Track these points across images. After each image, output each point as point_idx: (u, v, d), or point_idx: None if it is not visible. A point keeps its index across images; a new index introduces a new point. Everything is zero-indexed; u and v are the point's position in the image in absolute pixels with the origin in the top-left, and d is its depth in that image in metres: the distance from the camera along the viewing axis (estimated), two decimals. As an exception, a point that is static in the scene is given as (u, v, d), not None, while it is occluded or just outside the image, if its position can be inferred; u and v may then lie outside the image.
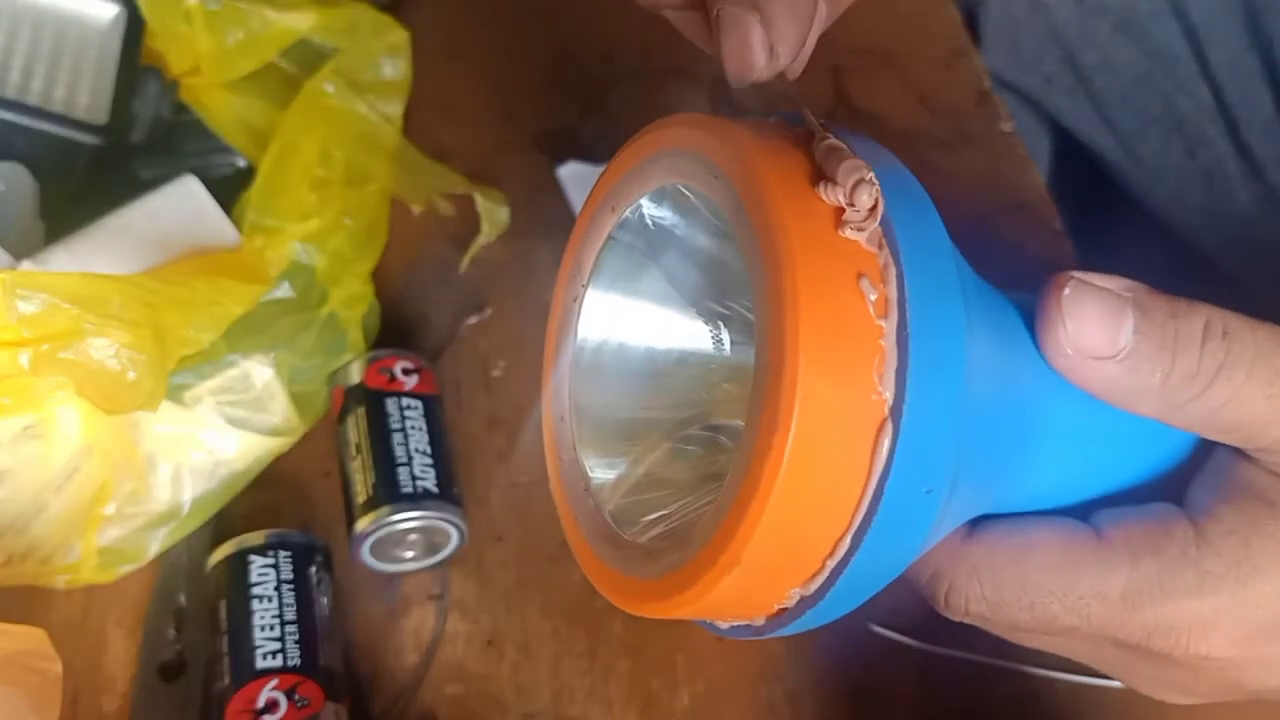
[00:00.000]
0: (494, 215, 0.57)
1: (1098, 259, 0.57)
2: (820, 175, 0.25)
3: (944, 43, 0.65)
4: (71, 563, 0.45)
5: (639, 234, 0.31)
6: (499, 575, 0.47)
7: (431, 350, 0.53)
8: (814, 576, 0.25)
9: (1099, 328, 0.27)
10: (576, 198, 0.58)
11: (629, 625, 0.46)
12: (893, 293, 0.24)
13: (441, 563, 0.47)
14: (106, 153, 0.49)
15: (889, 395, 0.24)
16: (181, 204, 0.46)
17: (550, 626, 0.46)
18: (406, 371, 0.48)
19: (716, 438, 0.32)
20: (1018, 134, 0.62)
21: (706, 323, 0.32)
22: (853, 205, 0.24)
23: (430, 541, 0.46)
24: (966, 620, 0.31)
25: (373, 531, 0.44)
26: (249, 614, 0.42)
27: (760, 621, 0.27)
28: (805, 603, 0.26)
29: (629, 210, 0.30)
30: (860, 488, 0.24)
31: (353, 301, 0.49)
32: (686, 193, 0.29)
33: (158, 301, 0.40)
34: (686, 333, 0.32)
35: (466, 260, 0.57)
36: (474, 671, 0.45)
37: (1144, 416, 0.29)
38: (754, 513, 0.23)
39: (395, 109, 0.55)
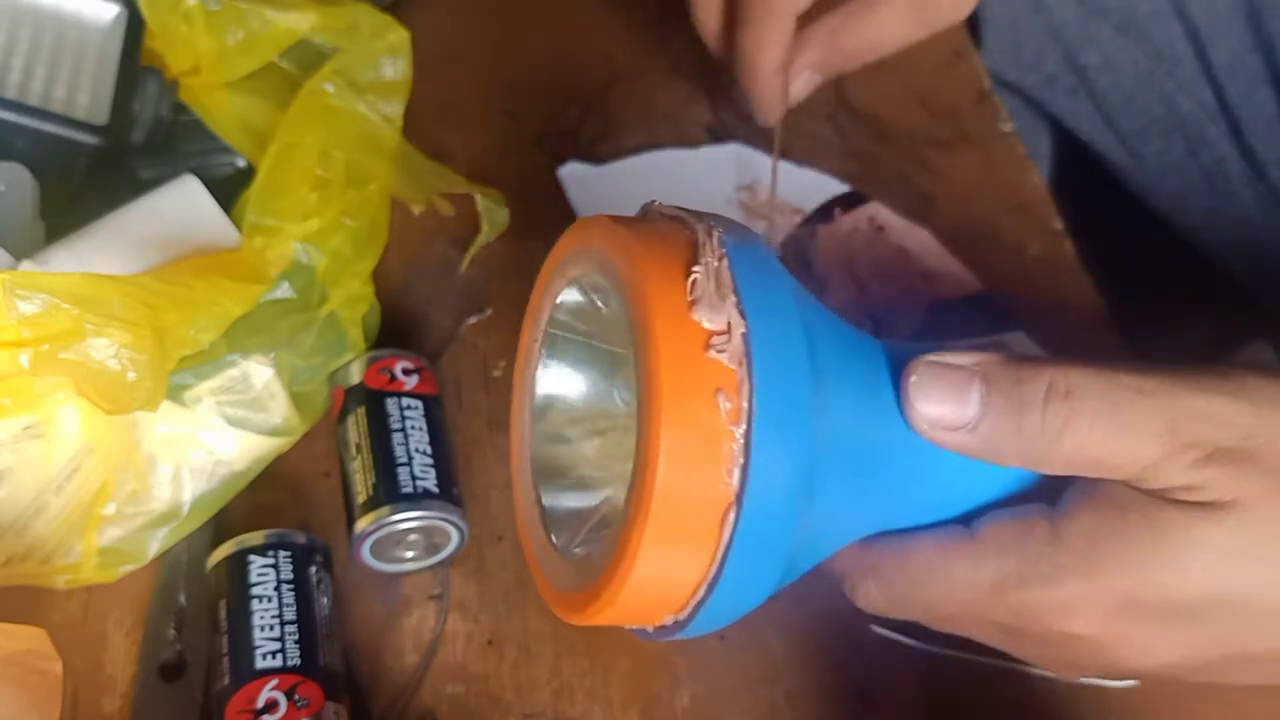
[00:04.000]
0: (494, 215, 0.57)
1: (1099, 259, 0.57)
2: (698, 300, 0.30)
3: (944, 43, 0.65)
4: (72, 563, 0.45)
5: (577, 306, 0.36)
6: (499, 575, 0.47)
7: (432, 350, 0.53)
8: (681, 610, 0.31)
9: (946, 404, 0.32)
10: (578, 198, 0.58)
11: (629, 625, 0.46)
12: (744, 404, 0.29)
13: (442, 562, 0.47)
14: (106, 153, 0.49)
15: (735, 485, 0.29)
16: (181, 204, 0.46)
17: (550, 626, 0.46)
18: (407, 371, 0.48)
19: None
20: (1017, 134, 0.62)
21: (621, 390, 0.38)
22: (721, 333, 0.29)
23: (430, 541, 0.46)
24: (875, 613, 0.36)
25: (373, 531, 0.44)
26: (249, 614, 0.42)
27: (649, 630, 0.33)
28: (678, 625, 0.32)
29: (570, 283, 0.35)
30: (711, 555, 0.30)
31: (353, 302, 0.49)
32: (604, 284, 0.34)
33: (158, 301, 0.40)
34: (617, 391, 0.38)
35: (466, 260, 0.57)
36: (474, 671, 0.45)
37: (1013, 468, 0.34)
38: (623, 573, 0.30)
39: (395, 109, 0.55)
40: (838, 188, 0.59)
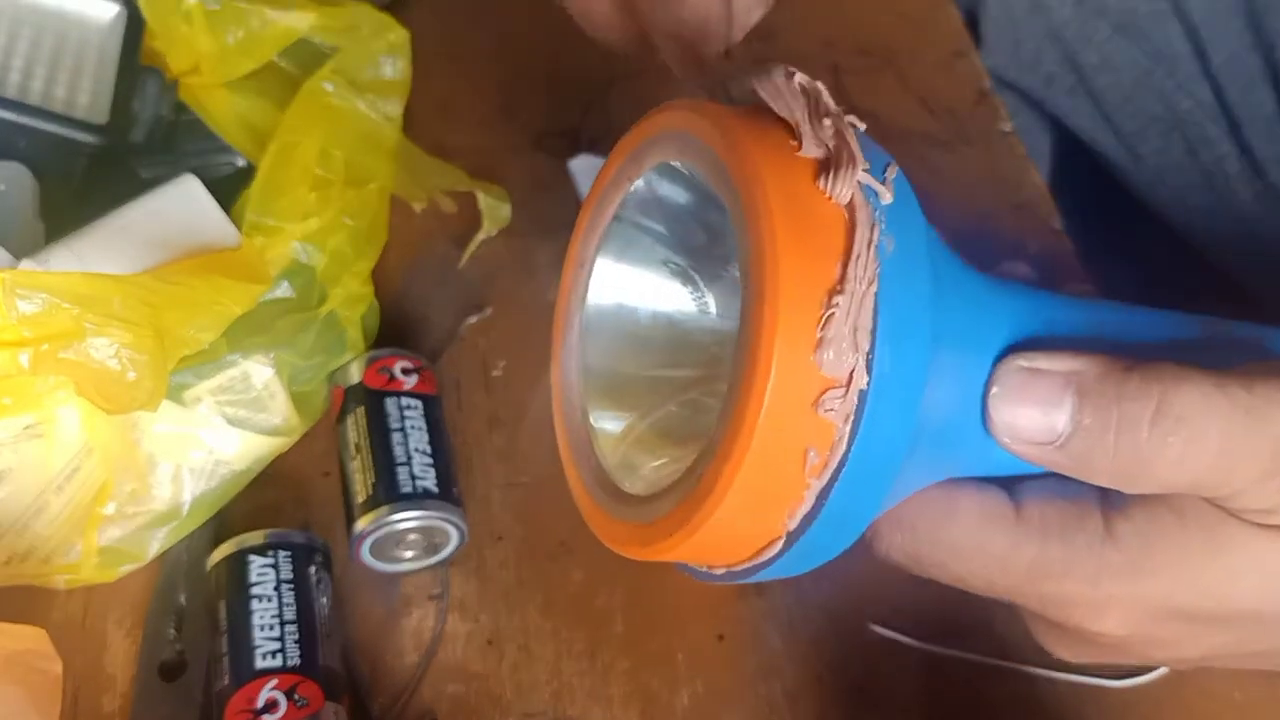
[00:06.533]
0: (496, 212, 0.57)
1: (1098, 259, 0.57)
2: (825, 341, 0.26)
3: (944, 43, 0.65)
4: (72, 562, 0.45)
5: (648, 206, 0.33)
6: (499, 575, 0.47)
7: (431, 350, 0.53)
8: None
9: (1033, 419, 0.29)
10: (586, 189, 0.58)
11: (629, 624, 0.46)
12: (834, 460, 0.26)
13: (441, 562, 0.47)
14: (107, 152, 0.50)
15: (792, 526, 0.27)
16: (182, 204, 0.46)
17: (550, 626, 0.46)
18: (406, 371, 0.48)
19: (703, 400, 0.33)
20: (1017, 134, 0.62)
21: (701, 291, 0.34)
22: (838, 388, 0.26)
23: (430, 541, 0.46)
24: (890, 562, 0.33)
25: (372, 531, 0.45)
26: (249, 614, 0.42)
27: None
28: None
29: (640, 182, 0.31)
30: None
31: (352, 301, 0.49)
32: (688, 172, 0.30)
33: (158, 301, 0.40)
34: (684, 300, 0.35)
35: (466, 256, 0.57)
36: (474, 671, 0.45)
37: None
38: (709, 508, 0.26)
39: (395, 108, 0.55)
40: None
